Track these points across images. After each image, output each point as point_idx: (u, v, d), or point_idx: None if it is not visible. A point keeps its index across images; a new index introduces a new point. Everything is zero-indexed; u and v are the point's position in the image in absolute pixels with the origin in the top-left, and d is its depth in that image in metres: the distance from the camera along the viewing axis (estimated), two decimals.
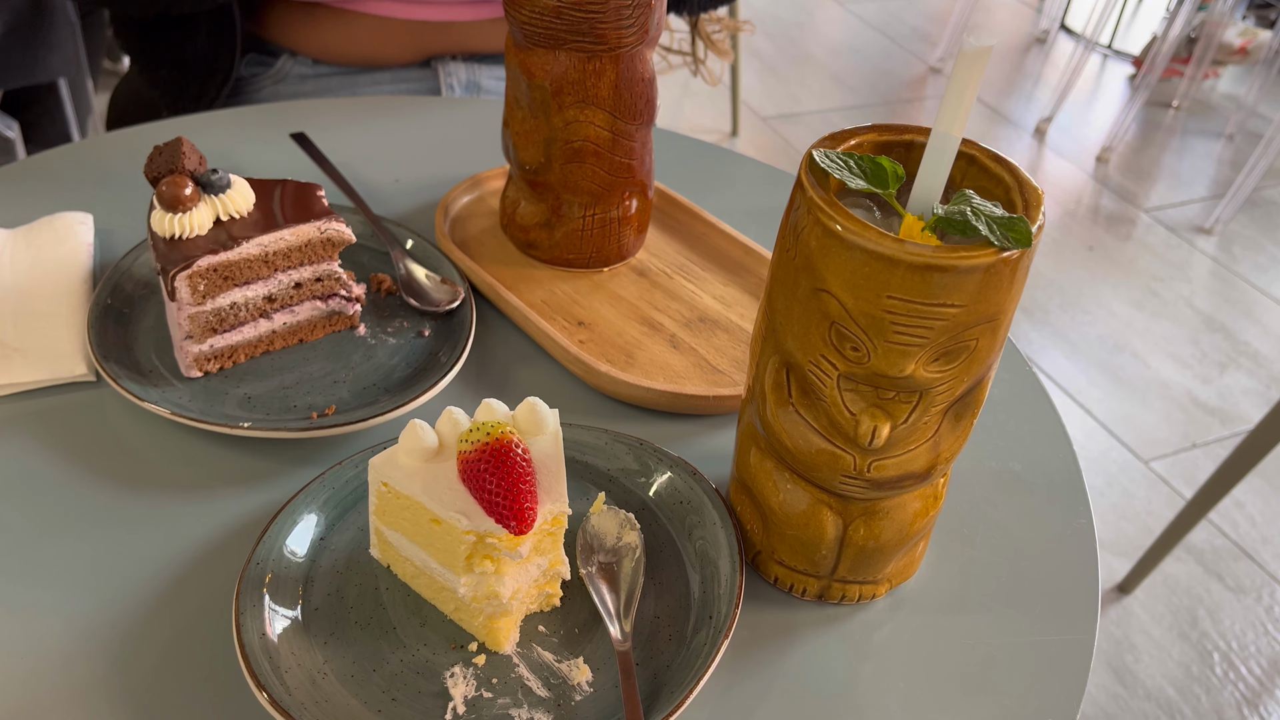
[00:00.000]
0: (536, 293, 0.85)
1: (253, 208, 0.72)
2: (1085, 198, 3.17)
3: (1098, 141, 3.42)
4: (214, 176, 0.70)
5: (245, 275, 0.72)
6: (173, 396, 0.71)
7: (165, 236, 0.69)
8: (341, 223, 0.74)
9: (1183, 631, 1.95)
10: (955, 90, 0.51)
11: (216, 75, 1.21)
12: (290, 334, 0.77)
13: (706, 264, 0.91)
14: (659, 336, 0.82)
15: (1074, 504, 0.73)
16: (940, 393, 0.54)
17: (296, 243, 0.72)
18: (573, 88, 0.78)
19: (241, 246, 0.70)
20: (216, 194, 0.70)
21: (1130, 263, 2.90)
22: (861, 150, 0.56)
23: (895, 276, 0.49)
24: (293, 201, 0.74)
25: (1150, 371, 2.53)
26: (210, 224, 0.70)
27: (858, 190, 0.53)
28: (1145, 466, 2.29)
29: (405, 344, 0.79)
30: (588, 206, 0.85)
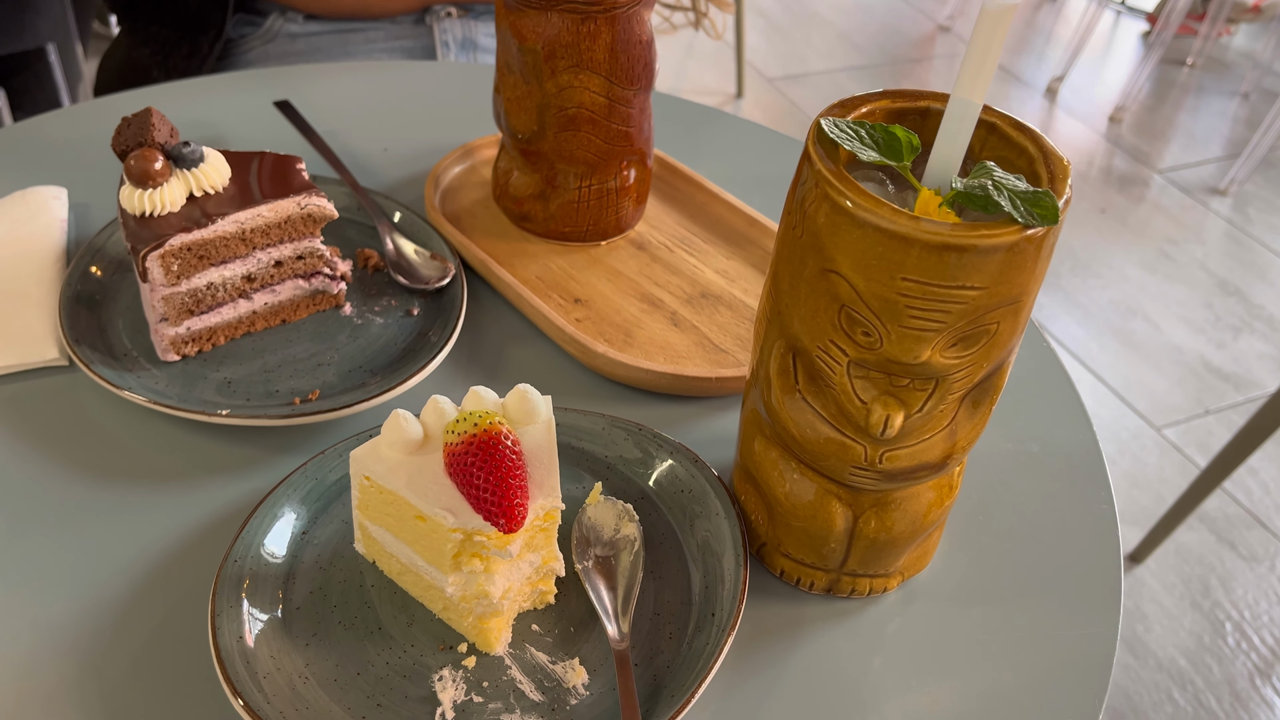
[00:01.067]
0: (531, 268, 0.82)
1: (228, 182, 0.68)
2: (1098, 159, 3.11)
3: (1110, 101, 3.35)
4: (186, 150, 0.66)
5: (222, 254, 0.68)
6: (149, 382, 0.68)
7: (135, 214, 0.65)
8: (323, 197, 0.70)
9: (1195, 601, 1.92)
10: (976, 53, 0.46)
11: (209, 32, 1.16)
12: (272, 314, 0.73)
13: (709, 236, 0.87)
14: (659, 314, 0.78)
15: (1094, 488, 0.70)
16: (958, 380, 0.51)
17: (275, 219, 0.69)
18: (566, 51, 0.74)
19: (216, 224, 0.66)
20: (189, 168, 0.66)
21: (1143, 225, 2.85)
22: (873, 119, 0.52)
23: (910, 257, 0.45)
24: (271, 175, 0.70)
25: (1163, 336, 2.49)
26: (183, 200, 0.66)
27: (869, 163, 0.49)
28: (1157, 433, 2.25)
29: (393, 323, 0.75)
30: (584, 177, 0.81)
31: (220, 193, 0.68)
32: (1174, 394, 2.34)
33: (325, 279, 0.74)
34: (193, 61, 1.17)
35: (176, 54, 1.17)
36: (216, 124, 0.96)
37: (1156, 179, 3.04)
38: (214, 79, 1.03)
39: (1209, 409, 2.31)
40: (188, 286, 0.67)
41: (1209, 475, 1.83)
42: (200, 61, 1.17)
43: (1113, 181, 3.02)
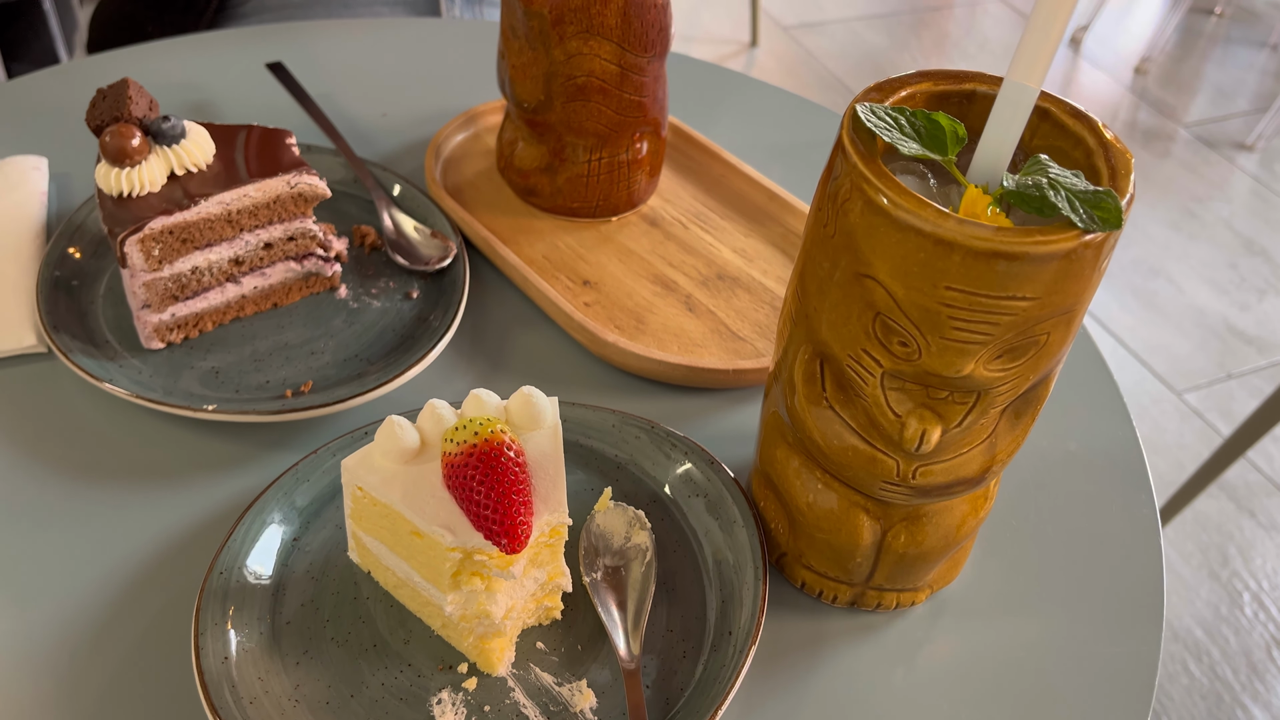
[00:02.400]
0: (537, 246, 0.77)
1: (213, 159, 0.64)
2: (1122, 113, 3.02)
3: (1136, 52, 3.25)
4: (166, 125, 0.61)
5: (206, 237, 0.64)
6: (132, 372, 0.64)
7: (112, 194, 0.61)
8: (314, 175, 0.65)
9: (1213, 570, 1.89)
10: (1036, 34, 0.42)
11: None
12: (262, 298, 0.69)
13: (726, 211, 0.82)
14: (673, 297, 0.74)
15: (1135, 491, 0.65)
16: (1001, 393, 0.46)
17: (263, 199, 0.64)
18: (575, 15, 0.69)
19: (200, 205, 0.62)
20: (170, 144, 0.61)
21: (1168, 181, 2.77)
22: (914, 103, 0.47)
23: (955, 264, 0.41)
24: (259, 151, 0.65)
25: (1185, 297, 2.43)
26: (164, 179, 0.62)
27: (910, 154, 0.44)
28: (1178, 398, 2.20)
29: (391, 307, 0.71)
30: (593, 150, 0.76)
31: (204, 171, 0.63)
32: (1196, 357, 2.29)
33: (318, 261, 0.69)
34: (189, 17, 1.12)
35: (172, 9, 1.11)
36: (206, 86, 0.91)
37: (1182, 133, 2.96)
38: (205, 38, 0.98)
39: (1231, 373, 2.26)
40: (170, 271, 0.63)
41: (1233, 444, 1.79)
42: (196, 17, 1.12)
43: (1137, 136, 2.94)
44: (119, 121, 0.60)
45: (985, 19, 3.45)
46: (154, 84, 0.90)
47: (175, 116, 0.62)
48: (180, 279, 0.64)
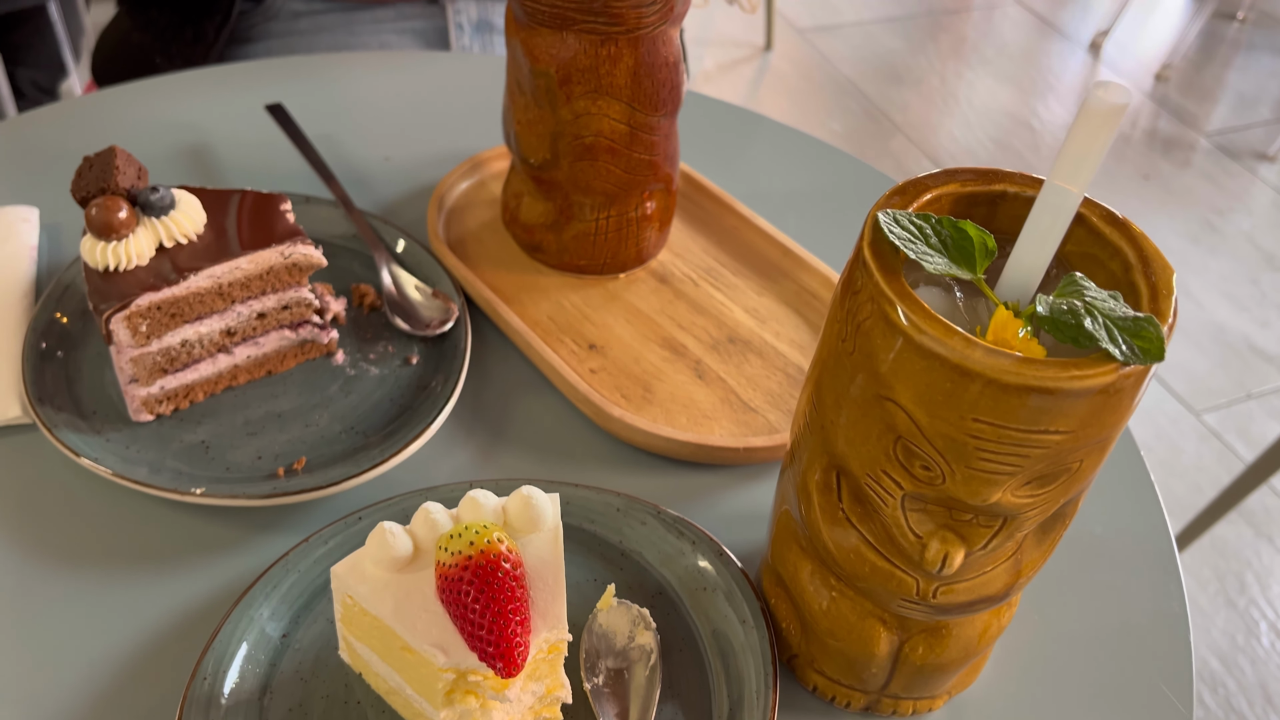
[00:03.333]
0: (542, 306, 0.74)
1: (203, 229, 0.61)
2: (1142, 120, 2.98)
3: (1157, 58, 3.20)
4: (154, 196, 0.58)
5: (196, 310, 0.61)
6: (118, 447, 0.62)
7: (98, 268, 0.58)
8: (309, 245, 0.63)
9: (1230, 598, 1.86)
10: (1084, 135, 0.39)
11: (215, 16, 1.08)
12: (256, 366, 0.67)
13: (738, 266, 0.79)
14: (682, 363, 0.71)
15: (1165, 581, 0.63)
16: (1030, 517, 0.44)
17: (256, 271, 0.62)
18: (583, 76, 0.66)
19: (189, 280, 0.59)
20: (158, 216, 0.59)
21: (1188, 192, 2.73)
22: (940, 207, 0.44)
23: (985, 397, 0.38)
24: (251, 219, 0.62)
25: (1205, 313, 2.39)
26: (151, 252, 0.59)
27: (937, 272, 0.41)
28: (1196, 419, 2.17)
29: (390, 374, 0.68)
30: (601, 208, 0.73)
31: (194, 242, 0.60)
32: (1215, 376, 2.25)
33: (314, 329, 0.67)
34: (197, 49, 1.09)
35: (180, 40, 1.09)
36: (205, 127, 0.89)
37: (1202, 142, 2.91)
38: (204, 74, 0.95)
39: (1251, 393, 2.22)
40: (159, 346, 0.61)
41: (1256, 469, 1.75)
42: (205, 49, 1.09)
43: (1156, 145, 2.89)
44: (105, 193, 0.58)
45: (1004, 22, 3.41)
46: (151, 124, 0.88)
47: (164, 187, 0.59)
48: (169, 352, 0.61)
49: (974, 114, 2.94)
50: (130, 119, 0.89)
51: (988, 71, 3.13)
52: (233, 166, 0.85)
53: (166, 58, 1.10)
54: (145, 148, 0.86)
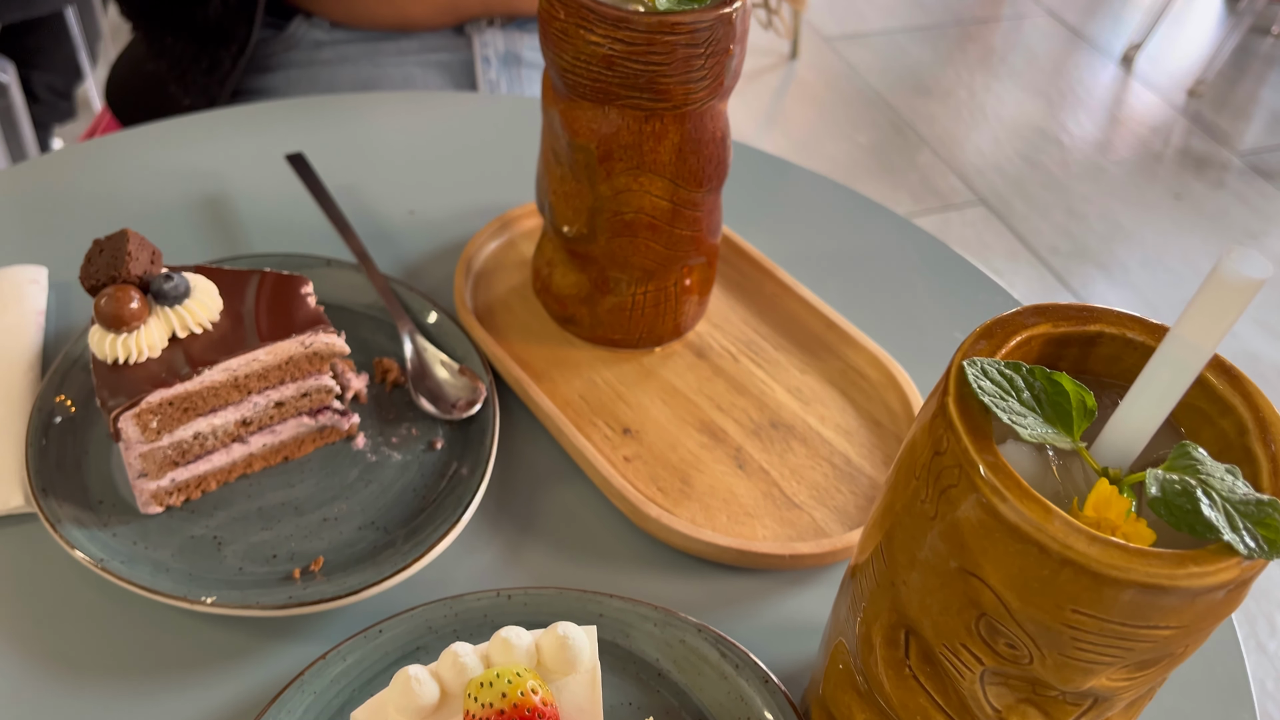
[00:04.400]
0: (574, 383, 0.70)
1: (219, 316, 0.57)
2: (1174, 138, 2.92)
3: (1190, 73, 3.14)
4: (168, 285, 0.55)
5: (211, 403, 0.57)
6: (125, 543, 0.58)
7: (107, 360, 0.55)
8: (331, 334, 0.59)
9: (1260, 642, 1.81)
10: (1223, 287, 0.34)
11: (232, 45, 1.04)
12: (272, 454, 0.63)
13: (779, 340, 0.75)
14: (722, 450, 0.67)
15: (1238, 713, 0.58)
16: (1123, 697, 0.39)
17: (275, 362, 0.58)
18: (625, 153, 0.62)
19: (203, 374, 0.55)
20: (172, 305, 0.55)
21: (1220, 214, 2.67)
22: (1028, 351, 0.40)
23: (1087, 590, 0.34)
24: (270, 305, 0.59)
25: (1238, 342, 2.34)
26: (164, 343, 0.55)
27: (1031, 439, 0.37)
28: None
29: (413, 460, 0.64)
30: (639, 282, 0.69)
31: (209, 331, 0.57)
32: None
33: (334, 414, 0.63)
34: (213, 77, 1.05)
35: (196, 69, 1.05)
36: (222, 175, 0.85)
37: (1236, 162, 2.85)
38: (223, 115, 0.92)
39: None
40: (170, 440, 0.57)
41: None
42: (222, 77, 1.05)
43: (1189, 164, 2.84)
44: (116, 282, 0.54)
45: (1033, 33, 3.35)
46: (166, 170, 0.84)
47: (178, 273, 0.55)
48: (181, 446, 0.58)
49: (1002, 128, 2.89)
50: (143, 165, 0.86)
51: (1016, 84, 3.07)
52: (251, 219, 0.81)
53: (182, 87, 1.07)
54: (158, 197, 0.82)
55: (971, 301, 0.81)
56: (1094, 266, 2.48)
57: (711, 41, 0.58)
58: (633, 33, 0.56)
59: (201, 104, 1.07)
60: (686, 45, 0.57)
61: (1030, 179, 2.71)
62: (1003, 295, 0.82)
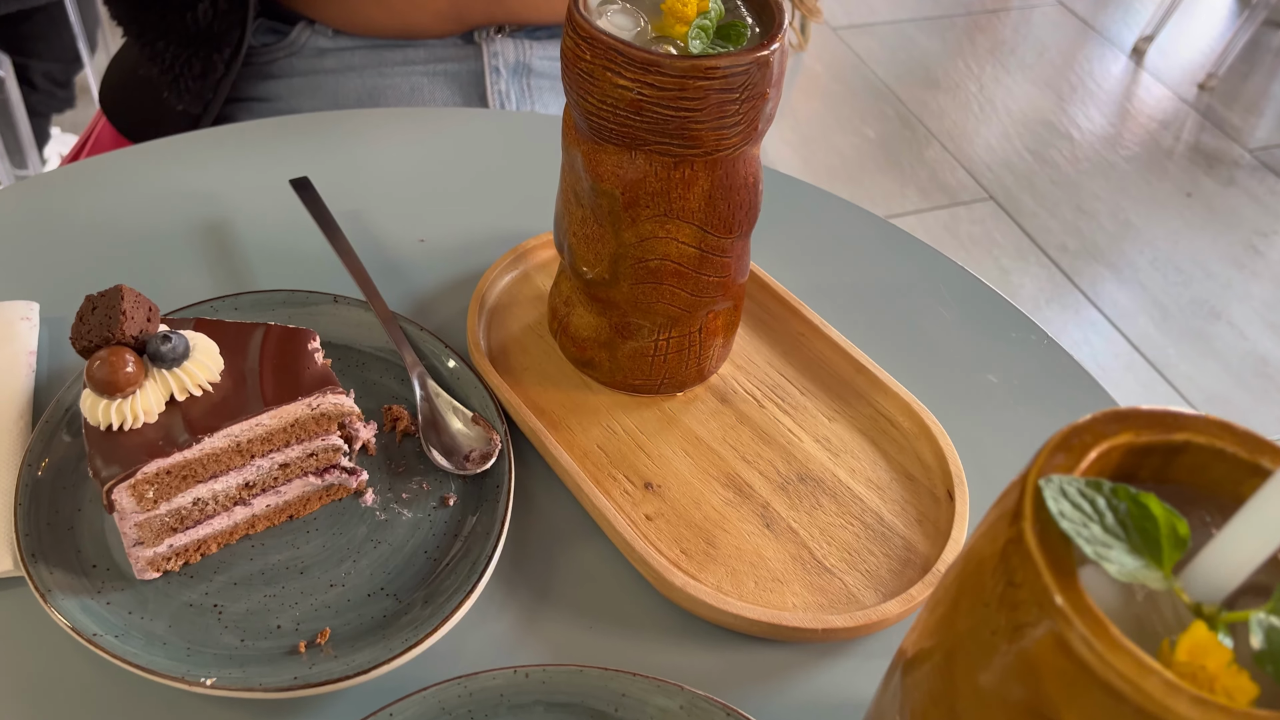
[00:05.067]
0: (592, 432, 0.67)
1: (220, 376, 0.54)
2: (1185, 133, 2.88)
3: (1202, 66, 3.10)
4: (166, 347, 0.51)
5: (211, 470, 0.54)
6: (120, 610, 0.55)
7: (100, 426, 0.51)
8: (340, 394, 0.56)
9: None
10: None
11: (224, 49, 1.00)
12: (276, 514, 0.60)
13: (806, 383, 0.72)
14: (748, 507, 0.64)
15: None
16: None
17: (279, 426, 0.54)
18: (652, 200, 0.58)
19: (204, 442, 0.52)
20: (170, 367, 0.52)
21: (1231, 213, 2.64)
22: (1108, 465, 0.37)
23: None
24: (275, 364, 0.55)
25: (1248, 344, 2.31)
26: (161, 406, 0.52)
27: (1119, 577, 0.34)
28: None
29: (424, 518, 0.61)
30: (663, 329, 0.66)
31: (210, 392, 0.53)
32: (1257, 413, 2.18)
33: (341, 473, 0.60)
34: (206, 82, 1.01)
35: (188, 73, 1.01)
36: (223, 198, 0.81)
37: (1247, 158, 2.82)
38: (224, 133, 0.88)
39: None
40: (168, 508, 0.53)
41: None
42: (216, 83, 1.01)
43: (1200, 160, 2.80)
44: (109, 343, 0.50)
45: (1043, 23, 3.30)
46: (163, 193, 0.81)
47: (177, 333, 0.52)
48: (180, 512, 0.54)
49: (1012, 122, 2.85)
50: (140, 188, 0.82)
51: (1026, 76, 3.03)
52: (254, 248, 0.78)
53: (175, 92, 1.02)
54: (156, 223, 0.79)
55: (1003, 338, 0.78)
56: (1103, 266, 2.45)
57: (747, 86, 0.54)
58: (663, 77, 0.53)
59: (196, 109, 1.03)
60: (720, 91, 0.53)
61: (1040, 175, 2.68)
62: (1036, 331, 0.79)
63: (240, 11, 0.98)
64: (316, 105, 1.05)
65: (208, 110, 1.02)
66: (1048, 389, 0.75)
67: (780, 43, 0.55)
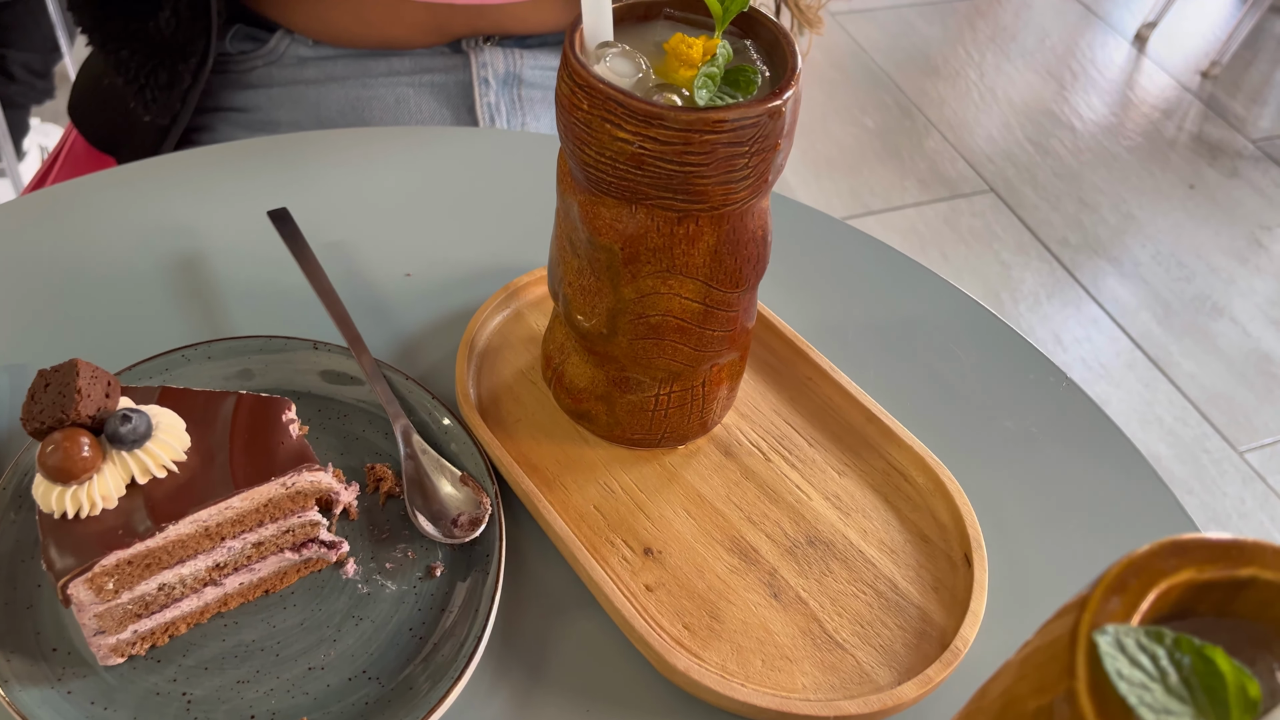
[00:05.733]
0: (589, 490, 0.63)
1: (187, 454, 0.50)
2: (1188, 123, 2.84)
3: (1205, 54, 3.05)
4: (125, 428, 0.47)
5: (177, 555, 0.50)
6: (82, 701, 0.51)
7: (54, 514, 0.47)
8: (317, 470, 0.51)
9: None
10: None
11: (190, 59, 0.96)
12: (250, 590, 0.56)
13: (814, 433, 0.68)
14: (753, 574, 0.60)
15: None
16: None
17: (251, 508, 0.50)
18: (654, 255, 0.54)
19: (168, 530, 0.48)
20: (130, 449, 0.47)
21: (1234, 205, 2.60)
22: (1167, 604, 0.33)
23: None
24: (247, 439, 0.51)
25: (1251, 341, 2.28)
26: (122, 490, 0.48)
27: None
28: (1240, 457, 2.07)
29: (409, 590, 0.57)
30: (664, 383, 0.62)
31: (175, 473, 0.49)
32: (1261, 412, 2.15)
33: (320, 547, 0.56)
34: (174, 92, 0.96)
35: (153, 83, 0.96)
36: (197, 230, 0.77)
37: (1250, 149, 2.77)
38: (198, 156, 0.83)
39: None
40: (130, 596, 0.50)
41: None
42: (184, 93, 0.96)
43: (1203, 150, 2.76)
44: (64, 425, 0.46)
45: (1044, 8, 3.25)
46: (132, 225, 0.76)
47: (137, 411, 0.48)
48: (144, 599, 0.50)
49: (1013, 112, 2.80)
50: (106, 219, 0.77)
51: (1028, 64, 2.98)
52: (230, 285, 0.73)
53: (141, 103, 0.98)
54: (123, 258, 0.74)
55: (1021, 381, 0.74)
56: (1105, 260, 2.41)
57: (757, 139, 0.50)
58: (667, 131, 0.48)
59: (163, 120, 0.98)
60: (728, 144, 0.49)
61: (1041, 166, 2.63)
62: (1054, 372, 0.75)
63: (204, 20, 0.94)
64: (297, 117, 1.00)
65: (176, 121, 0.97)
66: (1068, 435, 0.71)
67: (794, 89, 0.50)
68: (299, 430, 0.53)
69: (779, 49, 0.54)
